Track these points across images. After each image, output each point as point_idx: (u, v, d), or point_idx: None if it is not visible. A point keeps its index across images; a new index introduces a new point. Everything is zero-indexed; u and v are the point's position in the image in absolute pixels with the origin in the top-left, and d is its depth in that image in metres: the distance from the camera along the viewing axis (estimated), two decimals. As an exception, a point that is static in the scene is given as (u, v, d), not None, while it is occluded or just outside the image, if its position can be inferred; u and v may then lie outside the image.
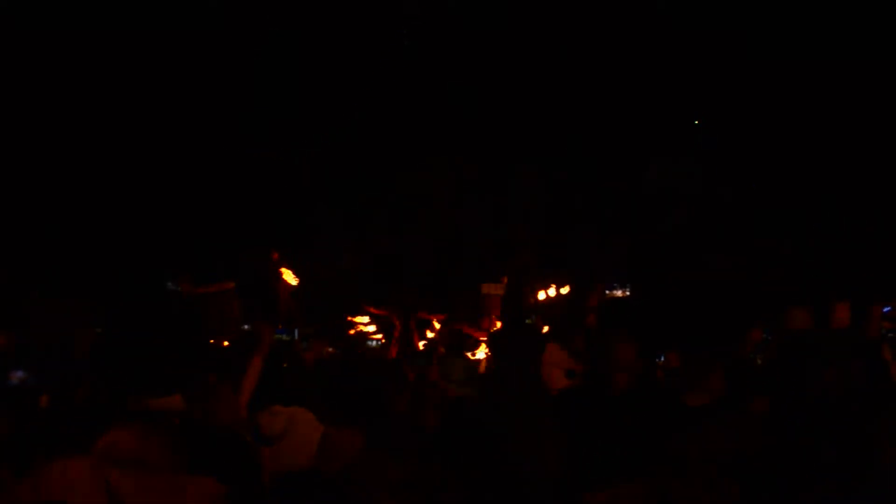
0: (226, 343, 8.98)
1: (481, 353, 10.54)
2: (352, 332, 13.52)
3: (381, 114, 16.18)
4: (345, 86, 16.06)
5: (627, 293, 8.57)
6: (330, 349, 12.39)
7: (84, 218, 14.25)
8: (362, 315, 13.30)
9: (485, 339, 10.60)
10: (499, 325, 11.05)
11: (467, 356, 10.19)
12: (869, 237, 13.51)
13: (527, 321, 9.30)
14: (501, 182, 16.40)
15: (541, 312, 10.20)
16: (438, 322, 12.71)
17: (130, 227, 14.58)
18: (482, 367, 9.77)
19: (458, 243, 15.69)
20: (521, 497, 3.63)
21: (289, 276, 10.30)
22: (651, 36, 15.57)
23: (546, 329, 10.15)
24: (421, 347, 12.30)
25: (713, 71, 15.73)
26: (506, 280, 12.61)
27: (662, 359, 9.35)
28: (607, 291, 8.24)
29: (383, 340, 12.29)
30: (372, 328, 13.25)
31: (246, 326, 10.53)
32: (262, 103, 15.60)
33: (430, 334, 12.94)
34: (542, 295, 12.12)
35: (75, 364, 7.16)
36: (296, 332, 13.17)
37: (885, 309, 7.87)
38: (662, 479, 3.89)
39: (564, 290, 11.98)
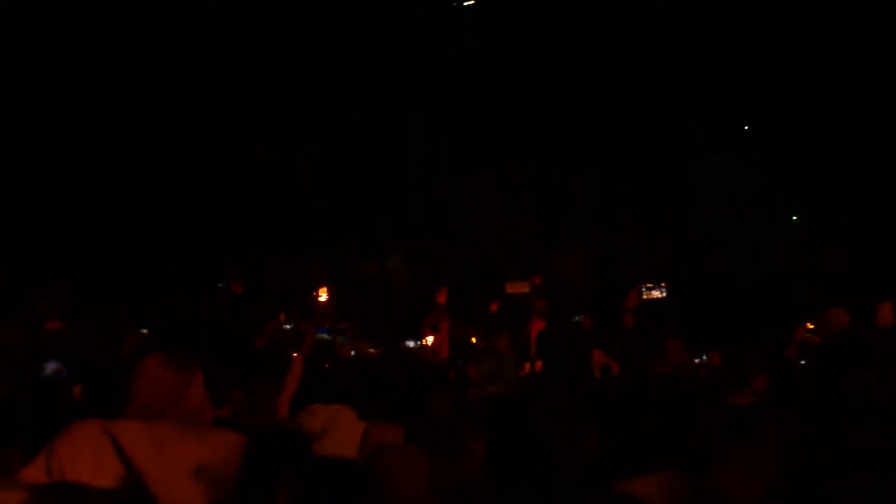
0: (261, 342, 8.99)
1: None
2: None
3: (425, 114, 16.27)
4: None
5: (664, 294, 8.52)
6: (372, 349, 12.41)
7: (135, 223, 14.48)
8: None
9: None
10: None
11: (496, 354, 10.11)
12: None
13: (575, 319, 9.27)
14: (551, 183, 16.43)
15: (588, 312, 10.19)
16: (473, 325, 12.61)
17: (181, 231, 14.79)
18: (527, 368, 9.74)
19: (504, 245, 15.70)
20: (552, 486, 3.62)
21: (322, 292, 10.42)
22: (703, 39, 15.50)
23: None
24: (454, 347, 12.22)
25: (762, 72, 15.65)
26: (538, 280, 12.57)
27: (704, 357, 9.29)
28: (644, 292, 8.20)
29: (425, 342, 12.25)
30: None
31: (288, 326, 10.58)
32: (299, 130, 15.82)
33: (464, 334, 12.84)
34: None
35: (117, 361, 7.21)
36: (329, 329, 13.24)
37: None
38: (706, 469, 3.88)
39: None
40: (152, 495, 3.03)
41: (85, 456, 3.03)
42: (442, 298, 12.61)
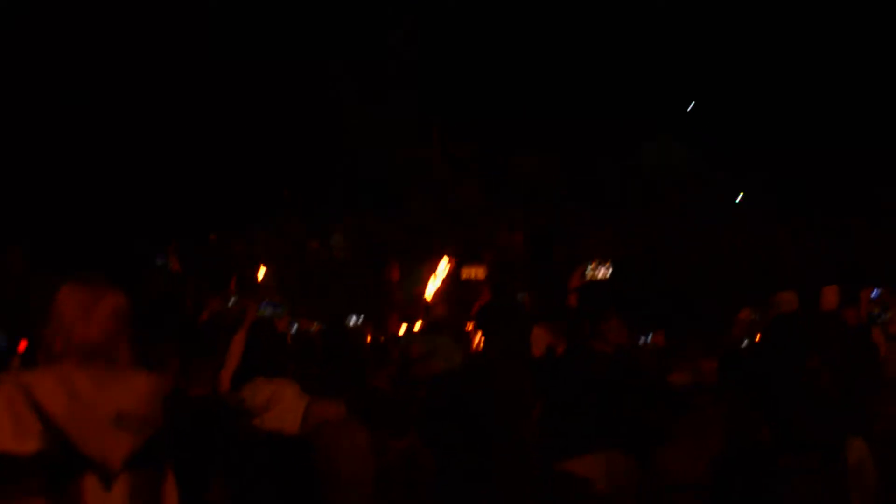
0: (204, 317, 8.88)
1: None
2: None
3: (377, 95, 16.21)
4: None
5: (609, 274, 8.53)
6: (316, 325, 12.32)
7: (79, 198, 14.32)
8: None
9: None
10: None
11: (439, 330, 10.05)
12: (853, 222, 13.57)
13: (516, 299, 9.26)
14: (495, 163, 16.44)
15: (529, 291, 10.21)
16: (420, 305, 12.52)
17: (123, 208, 14.62)
18: (473, 345, 9.71)
19: (446, 224, 15.68)
20: (494, 466, 3.60)
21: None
22: (646, 21, 15.60)
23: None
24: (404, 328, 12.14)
25: (708, 55, 15.78)
26: (489, 260, 12.55)
27: (649, 338, 9.32)
28: (589, 272, 8.20)
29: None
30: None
31: (230, 302, 10.46)
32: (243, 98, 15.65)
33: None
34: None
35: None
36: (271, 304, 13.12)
37: (874, 292, 7.88)
38: (645, 448, 3.88)
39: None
40: (76, 450, 2.95)
41: (4, 418, 2.95)
42: (394, 276, 12.50)
